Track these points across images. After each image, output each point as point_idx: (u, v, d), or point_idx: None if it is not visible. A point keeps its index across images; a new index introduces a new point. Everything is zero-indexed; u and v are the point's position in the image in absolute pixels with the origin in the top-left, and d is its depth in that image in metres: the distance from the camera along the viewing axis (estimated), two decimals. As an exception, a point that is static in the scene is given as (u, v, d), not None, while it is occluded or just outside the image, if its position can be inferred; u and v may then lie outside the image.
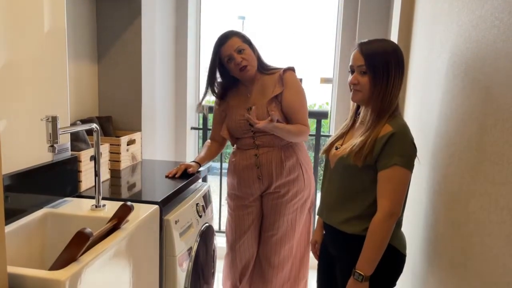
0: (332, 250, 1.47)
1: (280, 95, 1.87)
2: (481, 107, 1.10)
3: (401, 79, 1.30)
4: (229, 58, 1.83)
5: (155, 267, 1.55)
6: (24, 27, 1.33)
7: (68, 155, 1.57)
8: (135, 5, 2.20)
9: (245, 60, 1.82)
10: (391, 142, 1.25)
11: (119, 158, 2.03)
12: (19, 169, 1.33)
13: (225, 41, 1.83)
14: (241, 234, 2.05)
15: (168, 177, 1.91)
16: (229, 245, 2.12)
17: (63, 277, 0.95)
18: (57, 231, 1.39)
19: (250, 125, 1.86)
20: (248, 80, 1.90)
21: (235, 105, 1.93)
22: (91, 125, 1.37)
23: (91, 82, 2.22)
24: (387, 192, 1.26)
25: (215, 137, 2.08)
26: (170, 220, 1.63)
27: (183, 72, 2.86)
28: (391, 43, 1.33)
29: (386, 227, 1.25)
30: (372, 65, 1.27)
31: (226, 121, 1.96)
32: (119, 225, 1.26)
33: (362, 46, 1.31)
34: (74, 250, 1.02)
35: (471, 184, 1.11)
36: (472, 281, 1.06)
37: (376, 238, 1.26)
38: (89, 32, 2.17)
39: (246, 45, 1.84)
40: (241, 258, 2.09)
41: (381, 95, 1.28)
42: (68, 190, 1.57)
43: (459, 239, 1.18)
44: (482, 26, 1.12)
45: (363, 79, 1.29)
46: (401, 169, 1.25)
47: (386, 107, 1.29)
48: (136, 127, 2.29)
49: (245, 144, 1.95)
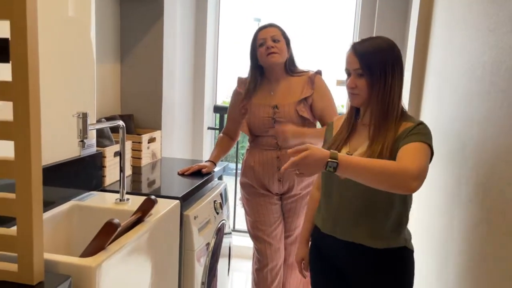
0: (349, 268, 1.32)
1: (309, 98, 1.89)
2: (498, 110, 1.12)
3: (400, 77, 1.24)
4: (262, 42, 1.87)
5: (175, 260, 1.60)
6: (57, 29, 1.40)
7: (94, 151, 1.64)
8: (157, 6, 2.27)
9: (276, 48, 1.85)
10: (418, 127, 1.18)
11: (140, 155, 2.09)
12: (50, 163, 1.40)
13: (265, 27, 1.91)
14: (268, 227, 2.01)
15: (180, 174, 1.96)
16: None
17: (93, 263, 1.01)
18: (83, 223, 1.46)
19: (274, 122, 1.88)
20: (272, 68, 1.91)
21: (258, 103, 1.93)
22: (117, 122, 1.44)
23: (114, 81, 2.29)
24: (413, 157, 1.11)
25: (228, 132, 2.09)
26: (190, 215, 1.69)
27: (201, 73, 2.93)
28: (386, 39, 1.26)
29: (399, 179, 1.06)
30: (367, 66, 1.20)
31: (248, 117, 1.96)
32: (143, 218, 1.32)
33: (355, 46, 1.25)
34: (103, 239, 1.08)
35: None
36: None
37: (380, 169, 1.07)
38: (113, 32, 2.24)
39: (282, 39, 1.89)
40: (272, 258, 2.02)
41: (380, 96, 1.21)
42: (93, 184, 1.64)
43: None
44: (499, 31, 1.14)
45: (360, 82, 1.22)
46: (427, 146, 1.15)
47: (388, 108, 1.22)
48: (156, 126, 2.36)
49: (265, 144, 1.93)
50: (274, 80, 1.94)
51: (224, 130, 2.12)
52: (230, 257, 2.24)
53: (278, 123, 1.87)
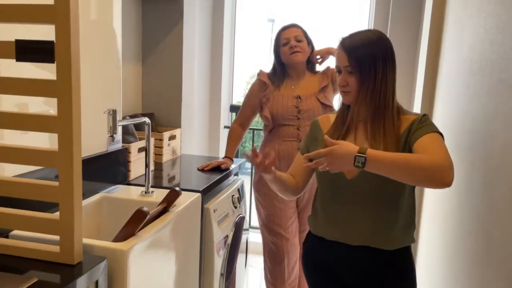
0: (352, 277, 1.27)
1: (325, 88, 2.05)
2: (505, 105, 1.17)
3: (392, 70, 1.19)
4: (286, 41, 2.02)
5: (196, 251, 1.69)
6: (89, 31, 1.50)
7: (119, 147, 1.74)
8: (178, 9, 2.36)
9: (298, 47, 2.00)
10: (425, 118, 1.16)
11: (162, 152, 2.19)
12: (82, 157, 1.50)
13: (288, 27, 2.06)
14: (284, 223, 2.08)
15: (200, 169, 2.05)
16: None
17: (125, 247, 1.10)
18: (111, 213, 1.56)
19: (298, 112, 2.01)
20: (294, 66, 2.05)
21: (282, 93, 2.05)
22: (143, 118, 1.53)
23: (136, 81, 2.40)
24: (439, 150, 1.07)
25: (242, 120, 2.16)
26: (210, 208, 1.77)
27: (218, 73, 3.01)
28: (375, 31, 1.21)
29: (435, 173, 1.02)
30: (356, 63, 1.16)
31: (270, 105, 2.04)
32: (168, 208, 1.40)
33: (344, 41, 1.21)
34: (133, 226, 1.17)
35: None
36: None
37: (414, 164, 1.03)
38: (135, 34, 2.34)
39: (304, 39, 2.05)
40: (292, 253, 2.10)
41: (371, 93, 1.17)
42: (119, 178, 1.74)
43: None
44: (508, 32, 1.20)
45: (351, 79, 1.19)
46: (441, 137, 1.13)
47: (382, 104, 1.17)
48: (176, 124, 2.45)
49: (285, 134, 2.01)
50: (296, 76, 2.08)
51: (237, 119, 2.17)
52: (247, 252, 2.32)
53: (302, 112, 2.00)
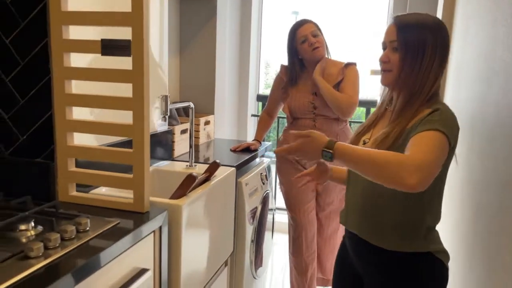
0: (359, 267, 1.23)
1: (341, 82, 2.16)
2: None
3: (440, 63, 1.07)
4: (304, 39, 2.12)
5: (231, 218, 1.96)
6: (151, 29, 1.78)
7: (165, 128, 2.03)
8: (211, 5, 2.63)
9: (318, 43, 2.12)
10: (433, 114, 1.03)
11: (198, 135, 2.47)
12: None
13: (303, 24, 2.14)
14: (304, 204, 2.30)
15: (232, 150, 2.32)
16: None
17: (180, 202, 1.38)
18: (162, 183, 1.85)
19: (314, 108, 2.19)
20: (316, 62, 2.17)
21: (299, 89, 2.24)
22: (188, 103, 1.81)
23: (174, 71, 2.68)
24: (418, 147, 0.96)
25: (269, 111, 2.43)
26: (242, 182, 2.04)
27: (245, 65, 3.28)
28: (434, 18, 1.09)
29: (392, 172, 0.91)
30: (404, 40, 1.06)
31: (289, 100, 2.26)
32: (209, 177, 1.68)
33: (398, 17, 1.10)
34: (185, 187, 1.44)
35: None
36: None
37: (376, 160, 0.94)
38: (173, 28, 2.62)
39: (320, 33, 2.16)
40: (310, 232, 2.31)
41: (413, 77, 1.06)
42: (166, 155, 2.03)
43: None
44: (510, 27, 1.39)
45: (394, 57, 1.08)
46: (441, 135, 0.98)
47: (416, 92, 1.07)
48: (210, 112, 2.73)
49: (303, 126, 2.23)
50: (313, 71, 2.21)
51: (265, 108, 2.46)
52: (273, 230, 2.60)
53: (317, 108, 2.18)
